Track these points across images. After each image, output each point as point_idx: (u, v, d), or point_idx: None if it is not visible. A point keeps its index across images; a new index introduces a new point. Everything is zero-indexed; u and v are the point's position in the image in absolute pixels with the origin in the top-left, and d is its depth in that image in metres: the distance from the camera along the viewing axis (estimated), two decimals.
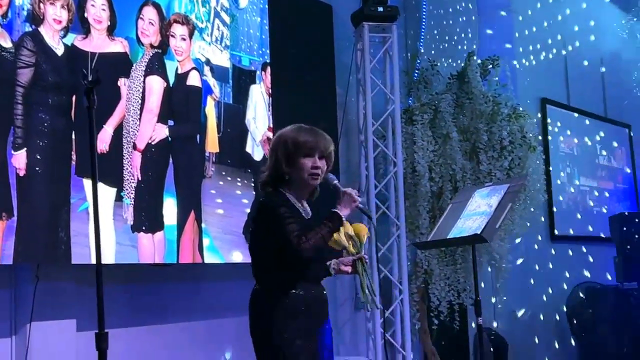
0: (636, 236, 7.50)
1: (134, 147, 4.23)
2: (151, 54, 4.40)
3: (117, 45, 4.23)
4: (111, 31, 4.20)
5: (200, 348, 4.68)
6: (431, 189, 5.84)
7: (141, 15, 4.38)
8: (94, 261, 3.80)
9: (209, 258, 4.59)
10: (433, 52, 6.60)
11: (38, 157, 3.76)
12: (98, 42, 4.13)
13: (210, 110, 4.73)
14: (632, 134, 9.26)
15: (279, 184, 3.03)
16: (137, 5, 4.37)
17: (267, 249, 2.95)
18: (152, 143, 4.34)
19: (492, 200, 3.96)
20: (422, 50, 6.51)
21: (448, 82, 6.25)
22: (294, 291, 2.92)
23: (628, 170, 9.20)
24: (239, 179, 4.86)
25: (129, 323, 4.23)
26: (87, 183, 3.92)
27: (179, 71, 4.57)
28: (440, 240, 4.24)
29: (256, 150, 4.98)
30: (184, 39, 4.61)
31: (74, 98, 3.92)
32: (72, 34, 4.00)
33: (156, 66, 4.42)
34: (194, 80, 4.64)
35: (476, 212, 3.98)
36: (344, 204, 2.97)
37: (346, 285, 5.75)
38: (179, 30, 4.60)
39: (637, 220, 7.77)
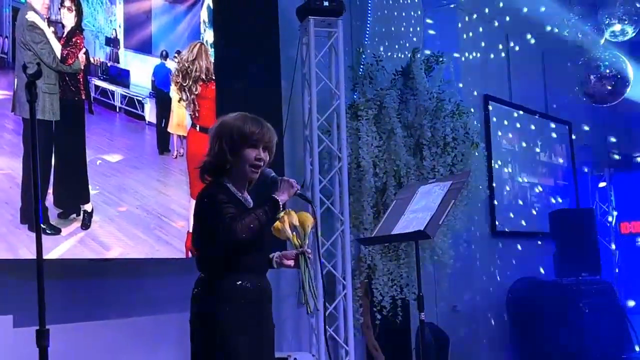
0: (575, 232, 7.67)
1: None
2: None
3: None
4: None
5: (142, 344, 4.63)
6: (375, 185, 5.88)
7: None
8: (30, 256, 3.75)
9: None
10: (378, 46, 6.62)
11: None
12: None
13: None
14: (572, 132, 9.45)
15: (218, 174, 3.01)
16: None
17: (209, 240, 2.94)
18: None
19: (436, 196, 4.01)
20: (368, 46, 6.53)
21: (393, 77, 6.29)
22: (240, 282, 2.92)
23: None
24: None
25: (69, 319, 4.16)
26: None
27: None
28: (384, 237, 4.28)
29: None
30: None
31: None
32: None
33: None
34: None
35: (419, 208, 4.02)
36: (283, 189, 2.98)
37: (289, 279, 5.75)
38: None
39: (576, 216, 7.96)
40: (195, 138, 4.92)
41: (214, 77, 5.10)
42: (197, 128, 4.94)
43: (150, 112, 4.71)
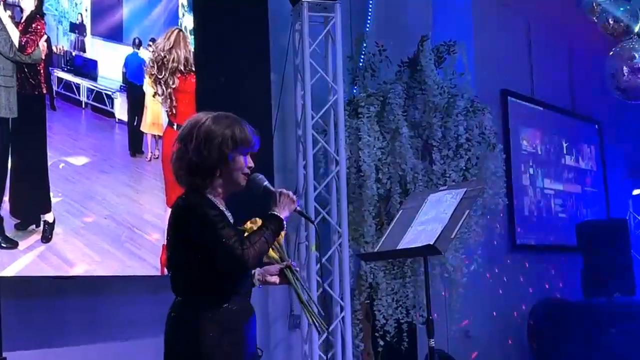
0: (605, 247, 7.69)
1: None
2: None
3: None
4: None
5: None
6: (378, 192, 5.88)
7: None
8: None
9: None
10: (381, 34, 6.64)
11: None
12: None
13: None
14: (602, 132, 9.48)
15: (208, 179, 3.01)
16: None
17: (193, 259, 2.93)
18: None
19: (447, 206, 4.01)
20: (369, 33, 6.55)
21: (398, 69, 6.31)
22: (226, 305, 2.93)
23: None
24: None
25: (26, 345, 4.16)
26: None
27: None
28: (389, 252, 4.28)
29: None
30: None
31: None
32: None
33: None
34: None
35: (429, 219, 4.03)
36: (283, 206, 3.00)
37: (279, 301, 5.76)
38: None
39: (606, 228, 7.97)
40: (172, 138, 4.89)
41: (193, 69, 5.11)
42: (175, 127, 4.95)
43: (120, 109, 4.72)
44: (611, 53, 7.46)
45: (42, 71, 4.28)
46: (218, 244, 2.84)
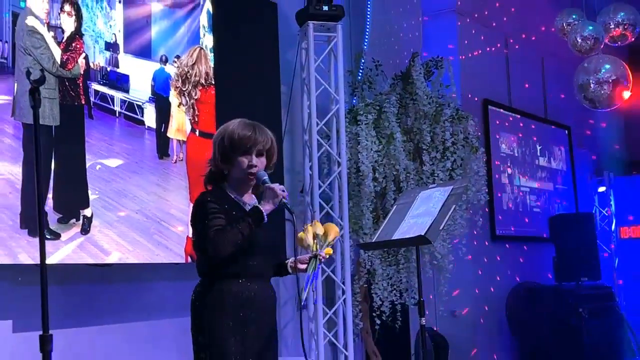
0: (574, 237, 7.69)
1: None
2: None
3: None
4: None
5: (142, 349, 4.64)
6: (375, 189, 5.89)
7: None
8: (30, 261, 3.76)
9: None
10: (378, 51, 6.64)
11: None
12: None
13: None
14: (571, 136, 9.47)
15: (220, 179, 3.05)
16: None
17: (197, 248, 2.99)
18: None
19: (436, 201, 4.02)
20: (367, 50, 6.55)
21: (392, 82, 6.31)
22: (230, 288, 2.95)
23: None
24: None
25: (68, 324, 4.17)
26: None
27: None
28: (385, 242, 4.29)
29: None
30: None
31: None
32: None
33: None
34: None
35: (420, 213, 4.04)
36: (267, 199, 2.99)
37: (289, 285, 5.76)
38: None
39: (575, 221, 7.97)
40: (194, 143, 4.93)
41: (213, 82, 5.12)
42: (197, 133, 4.96)
43: (149, 117, 4.73)
44: (579, 67, 7.44)
45: (81, 84, 4.29)
46: (203, 231, 2.89)
